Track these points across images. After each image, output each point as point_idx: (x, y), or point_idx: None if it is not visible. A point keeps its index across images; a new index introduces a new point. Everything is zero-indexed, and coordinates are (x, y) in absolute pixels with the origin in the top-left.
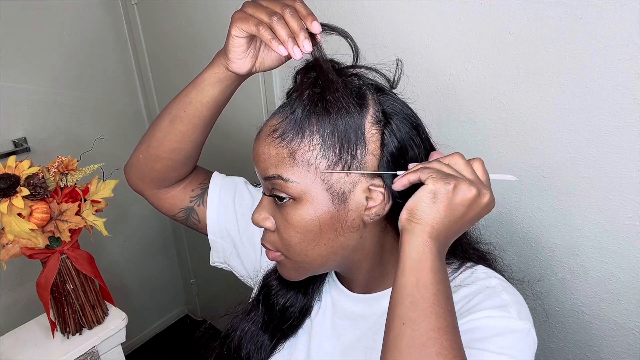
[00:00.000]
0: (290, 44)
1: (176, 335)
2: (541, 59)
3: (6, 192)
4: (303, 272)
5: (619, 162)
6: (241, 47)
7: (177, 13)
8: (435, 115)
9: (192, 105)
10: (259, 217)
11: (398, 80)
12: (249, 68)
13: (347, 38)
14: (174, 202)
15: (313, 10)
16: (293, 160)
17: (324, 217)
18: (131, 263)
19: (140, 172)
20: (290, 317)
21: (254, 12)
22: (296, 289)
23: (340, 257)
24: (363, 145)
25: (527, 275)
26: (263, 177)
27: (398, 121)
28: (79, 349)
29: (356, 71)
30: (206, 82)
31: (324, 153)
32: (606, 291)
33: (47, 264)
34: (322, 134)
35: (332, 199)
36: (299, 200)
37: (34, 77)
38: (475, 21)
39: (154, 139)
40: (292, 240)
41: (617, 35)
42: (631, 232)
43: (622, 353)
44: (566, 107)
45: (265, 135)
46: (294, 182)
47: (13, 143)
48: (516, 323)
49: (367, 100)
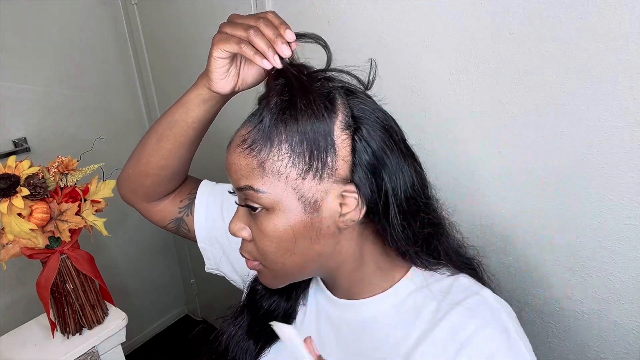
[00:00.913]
0: (270, 53)
1: (176, 335)
2: (541, 59)
3: (6, 192)
4: (282, 280)
5: (619, 162)
6: (223, 68)
7: (177, 13)
8: (435, 116)
9: (178, 125)
10: (235, 227)
11: (372, 81)
12: (231, 87)
13: (319, 42)
14: (164, 214)
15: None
16: (263, 170)
17: (298, 226)
18: (131, 263)
19: (131, 187)
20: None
21: (232, 30)
22: (280, 294)
23: (318, 264)
24: (333, 152)
25: (527, 275)
26: (236, 188)
27: (368, 125)
28: (79, 349)
29: (328, 74)
30: (191, 103)
31: (293, 162)
32: (606, 291)
33: (47, 264)
34: (291, 143)
35: (305, 207)
36: (272, 210)
37: (34, 77)
38: (475, 21)
39: (142, 155)
40: (267, 250)
41: (617, 35)
42: (631, 232)
43: (622, 353)
44: (566, 107)
45: (235, 146)
46: (265, 192)
47: (13, 143)
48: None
49: (337, 104)
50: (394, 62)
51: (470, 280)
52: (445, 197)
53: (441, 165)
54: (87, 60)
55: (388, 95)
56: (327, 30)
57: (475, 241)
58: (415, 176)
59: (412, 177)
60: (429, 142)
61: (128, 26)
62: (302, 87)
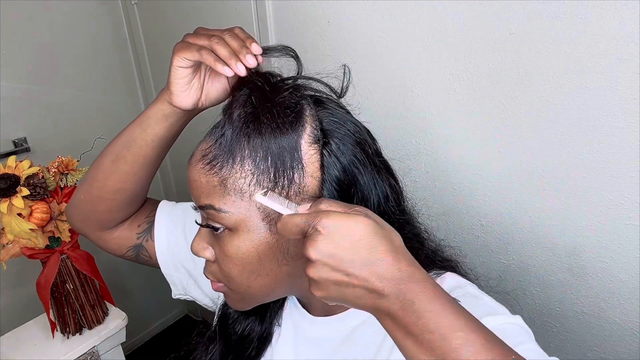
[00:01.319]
0: (234, 61)
1: (176, 335)
2: (541, 59)
3: (6, 192)
4: (249, 302)
5: (619, 162)
6: (184, 79)
7: (177, 13)
8: (435, 116)
9: (136, 144)
10: (197, 247)
11: (346, 88)
12: (193, 101)
13: (288, 53)
14: (120, 241)
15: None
16: (224, 188)
17: (262, 247)
18: (131, 263)
19: (83, 214)
20: (247, 347)
21: (195, 40)
22: (254, 316)
23: (288, 284)
24: (300, 168)
25: (527, 275)
26: (197, 206)
27: (338, 139)
28: (79, 349)
29: (297, 83)
30: (151, 120)
31: (257, 179)
32: (606, 291)
33: (47, 264)
34: (254, 159)
35: (270, 227)
36: (235, 230)
37: (34, 77)
38: (475, 21)
39: (95, 179)
40: (231, 272)
41: (617, 35)
42: (631, 232)
43: (622, 353)
44: (566, 107)
45: (196, 161)
46: (227, 212)
47: (13, 143)
48: (515, 319)
49: (304, 116)
50: (394, 62)
51: (455, 279)
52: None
53: (441, 165)
54: (87, 60)
55: (388, 95)
56: (327, 30)
57: (475, 241)
58: (390, 191)
59: (386, 192)
60: (429, 142)
61: (128, 26)
62: (266, 98)
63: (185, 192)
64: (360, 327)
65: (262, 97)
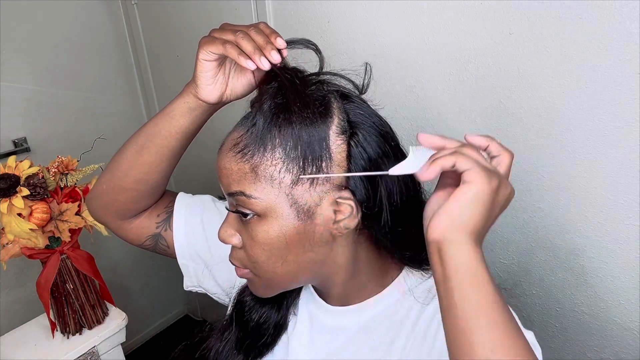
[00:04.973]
0: (257, 55)
1: (176, 335)
2: (541, 59)
3: (6, 192)
4: (273, 289)
5: (619, 162)
6: (210, 72)
7: (177, 13)
8: (435, 115)
9: (161, 136)
10: (224, 234)
11: (367, 85)
12: (218, 95)
13: (310, 47)
14: (140, 230)
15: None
16: (255, 175)
17: (290, 233)
18: (131, 263)
19: (104, 203)
20: (264, 333)
21: (220, 34)
22: (270, 304)
23: (311, 272)
24: (328, 157)
25: (527, 275)
26: (227, 193)
27: (364, 131)
28: (79, 349)
29: (322, 78)
30: (176, 112)
31: (287, 167)
32: (606, 291)
33: (47, 264)
34: (285, 147)
35: (298, 214)
36: (264, 216)
37: (34, 77)
38: (475, 21)
39: (118, 169)
40: (259, 258)
41: (617, 35)
42: (631, 232)
43: (622, 353)
44: (566, 107)
45: (227, 150)
46: (257, 198)
47: (13, 143)
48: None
49: (332, 109)
50: (394, 62)
51: None
52: None
53: None
54: (87, 60)
55: (388, 95)
56: (327, 30)
57: None
58: (411, 182)
59: (408, 183)
60: None
61: (128, 26)
62: (297, 91)
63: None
64: (376, 317)
65: (292, 89)
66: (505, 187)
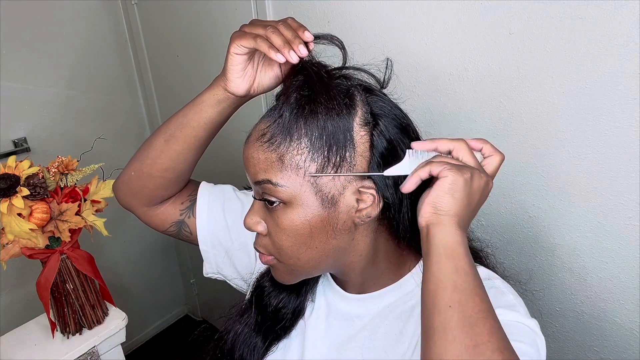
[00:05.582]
0: (287, 49)
1: (176, 335)
2: (541, 59)
3: (6, 192)
4: (296, 275)
5: (619, 162)
6: (239, 65)
7: (177, 13)
8: (435, 115)
9: (189, 126)
10: (250, 222)
11: (388, 80)
12: (246, 88)
13: (334, 42)
14: (165, 217)
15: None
16: (282, 164)
17: (315, 220)
18: (131, 263)
19: (132, 190)
20: (283, 318)
21: (251, 29)
22: (289, 290)
23: (333, 259)
24: (352, 147)
25: (527, 275)
26: (253, 182)
27: (387, 122)
28: (79, 349)
29: (345, 72)
30: (205, 103)
31: (312, 156)
32: (606, 291)
33: (47, 264)
34: (310, 137)
35: (322, 202)
36: (289, 204)
37: (34, 77)
38: (475, 21)
39: (147, 157)
40: (283, 244)
41: (617, 35)
42: (631, 232)
43: (622, 353)
44: (566, 107)
45: (254, 140)
46: (283, 186)
47: (13, 143)
48: (528, 321)
49: (356, 101)
50: (394, 62)
51: (485, 271)
52: None
53: None
54: (87, 60)
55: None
56: (327, 30)
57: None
58: None
59: None
60: None
61: (128, 26)
62: (323, 83)
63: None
64: (391, 305)
65: (319, 82)
66: (480, 178)
